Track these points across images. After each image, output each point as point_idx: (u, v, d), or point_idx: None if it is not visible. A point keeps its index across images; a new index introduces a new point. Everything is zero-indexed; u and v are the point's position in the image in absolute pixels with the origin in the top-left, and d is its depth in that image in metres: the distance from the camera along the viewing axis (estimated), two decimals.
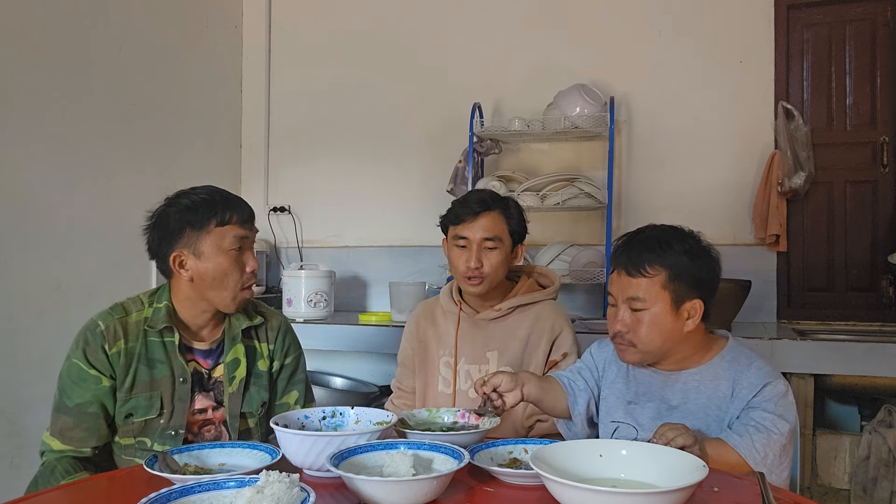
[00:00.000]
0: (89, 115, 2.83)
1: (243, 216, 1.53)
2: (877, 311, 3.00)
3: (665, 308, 1.41)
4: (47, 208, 2.64)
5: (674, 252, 1.41)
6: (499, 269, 1.80)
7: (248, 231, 1.54)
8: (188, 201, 1.50)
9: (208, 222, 1.49)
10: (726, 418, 1.41)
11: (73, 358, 1.49)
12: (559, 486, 0.98)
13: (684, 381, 1.47)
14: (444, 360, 1.89)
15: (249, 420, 1.60)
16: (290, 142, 3.78)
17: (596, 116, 3.01)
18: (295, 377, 1.70)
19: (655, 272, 1.40)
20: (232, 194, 1.56)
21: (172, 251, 1.50)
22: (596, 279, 2.96)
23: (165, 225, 1.50)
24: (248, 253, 1.54)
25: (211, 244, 1.49)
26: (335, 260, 3.59)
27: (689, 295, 1.41)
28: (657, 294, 1.40)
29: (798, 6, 3.12)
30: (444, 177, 3.33)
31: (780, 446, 1.35)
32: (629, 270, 1.42)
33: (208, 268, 1.49)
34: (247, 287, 1.54)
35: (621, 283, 1.44)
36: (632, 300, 1.42)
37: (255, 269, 1.55)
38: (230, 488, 1.03)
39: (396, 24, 3.62)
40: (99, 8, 2.87)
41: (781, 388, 1.40)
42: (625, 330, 1.43)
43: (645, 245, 1.43)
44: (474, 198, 1.82)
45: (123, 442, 1.51)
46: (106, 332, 1.48)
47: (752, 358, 1.45)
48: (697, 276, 1.42)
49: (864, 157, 3.05)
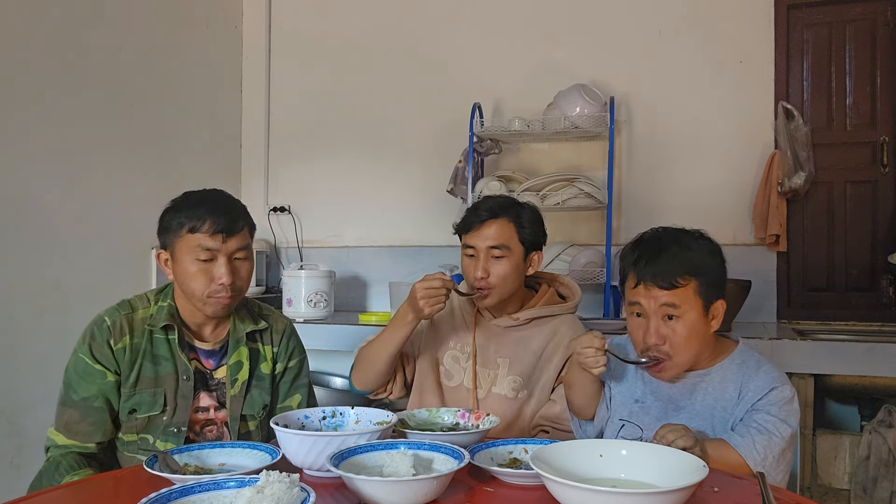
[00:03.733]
0: (89, 115, 2.83)
1: (216, 227, 1.47)
2: (877, 311, 3.00)
3: (699, 313, 1.39)
4: (47, 208, 2.64)
5: (698, 258, 1.40)
6: (507, 279, 1.73)
7: (218, 243, 1.48)
8: (178, 203, 1.53)
9: (182, 227, 1.49)
10: (731, 420, 1.41)
11: (80, 353, 1.51)
12: (559, 486, 0.98)
13: (693, 381, 1.46)
14: (452, 354, 1.86)
15: (250, 423, 1.61)
16: (290, 142, 3.78)
17: (596, 116, 3.01)
18: (298, 381, 1.70)
19: (687, 281, 1.38)
20: (221, 205, 1.52)
21: (158, 248, 1.56)
22: (596, 279, 2.96)
23: (160, 222, 1.55)
24: (223, 265, 1.49)
25: (181, 249, 1.51)
26: (335, 260, 3.59)
27: (715, 296, 1.41)
28: (692, 301, 1.38)
29: (798, 6, 3.12)
30: (444, 177, 3.33)
31: (780, 450, 1.35)
32: (659, 283, 1.37)
33: (179, 271, 1.52)
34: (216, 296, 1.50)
35: (651, 294, 1.38)
36: (667, 306, 1.38)
37: (229, 282, 1.49)
38: (230, 488, 1.03)
39: (396, 24, 3.62)
40: (99, 8, 2.87)
41: (788, 393, 1.40)
42: (660, 342, 1.38)
43: (669, 254, 1.39)
44: (484, 205, 1.77)
45: (127, 438, 1.53)
46: (112, 328, 1.51)
47: (761, 362, 1.45)
48: (720, 276, 1.43)
49: (864, 157, 3.05)
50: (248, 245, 1.56)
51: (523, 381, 1.78)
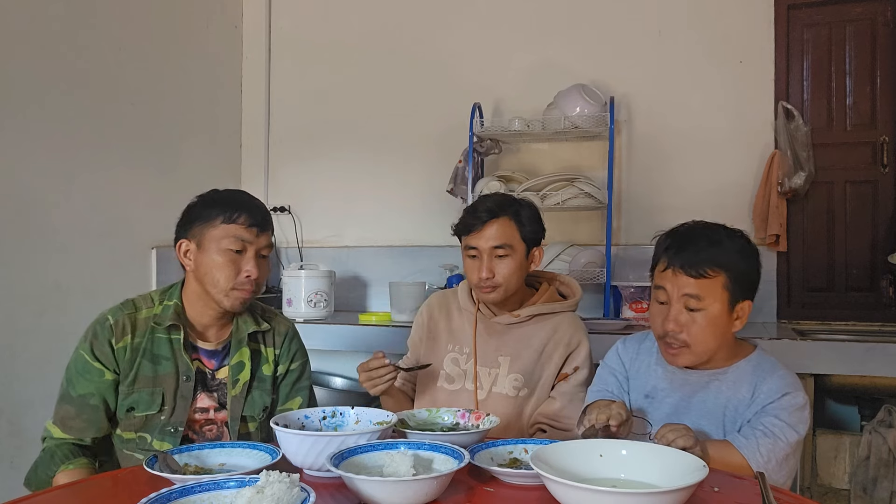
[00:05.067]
0: (89, 115, 2.83)
1: (252, 221, 1.54)
2: (877, 311, 3.00)
3: (723, 309, 1.39)
4: (47, 208, 2.64)
5: (731, 253, 1.40)
6: (512, 277, 1.75)
7: (252, 236, 1.54)
8: (209, 196, 1.59)
9: (216, 217, 1.53)
10: (740, 421, 1.41)
11: (81, 350, 1.53)
12: (559, 486, 0.98)
13: (707, 380, 1.46)
14: (452, 357, 1.86)
15: (250, 424, 1.61)
16: (290, 142, 3.78)
17: (596, 116, 3.00)
18: (299, 383, 1.71)
19: (715, 273, 1.38)
20: (255, 201, 1.59)
21: (181, 239, 1.57)
22: (596, 279, 2.96)
23: (186, 214, 1.59)
24: (251, 259, 1.54)
25: (212, 239, 1.53)
26: (335, 260, 3.59)
27: (742, 296, 1.41)
28: (718, 295, 1.38)
29: (798, 6, 3.12)
30: (444, 177, 3.33)
31: (784, 455, 1.35)
32: (687, 270, 1.38)
33: (204, 261, 1.53)
34: (240, 289, 1.54)
35: (678, 281, 1.39)
36: (689, 298, 1.38)
37: (255, 277, 1.54)
38: (230, 488, 1.03)
39: (397, 24, 3.61)
40: (99, 8, 2.87)
41: (800, 400, 1.39)
42: (678, 330, 1.40)
43: (702, 244, 1.40)
44: (483, 206, 1.77)
45: (125, 436, 1.54)
46: (114, 327, 1.53)
47: (776, 366, 1.45)
48: (751, 278, 1.42)
49: (864, 157, 3.05)
50: (273, 245, 1.63)
51: (524, 378, 1.79)
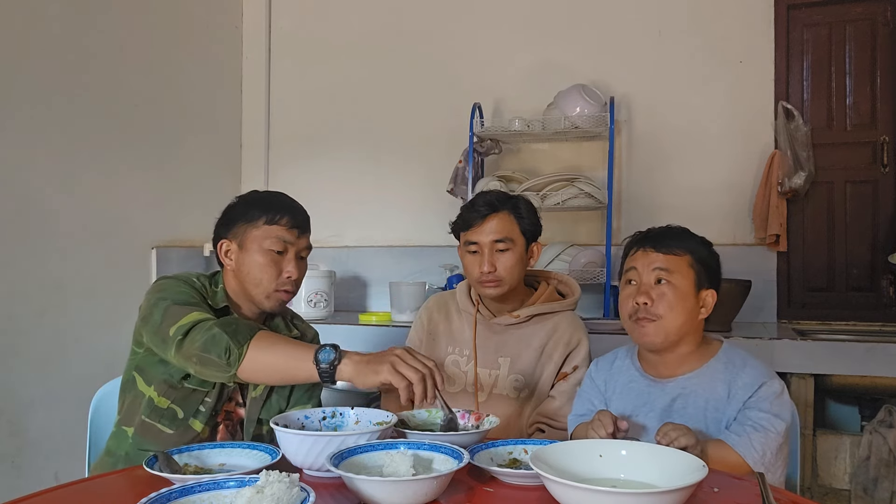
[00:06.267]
0: (89, 115, 2.83)
1: (294, 222, 1.56)
2: (877, 311, 3.00)
3: (689, 285, 1.46)
4: (47, 208, 2.64)
5: (694, 240, 1.52)
6: (513, 270, 1.77)
7: (293, 237, 1.56)
8: (250, 197, 1.60)
9: (258, 218, 1.55)
10: (724, 419, 1.42)
11: (179, 279, 1.52)
12: (559, 486, 0.98)
13: (682, 385, 1.48)
14: (452, 359, 1.86)
15: (264, 427, 1.60)
16: (290, 142, 3.78)
17: (596, 116, 3.00)
18: (315, 390, 1.70)
19: (682, 253, 1.47)
20: (296, 204, 1.61)
21: (222, 239, 1.58)
22: (596, 279, 2.96)
23: (226, 214, 1.60)
24: (292, 260, 1.55)
25: (254, 239, 1.54)
26: (335, 260, 3.59)
27: (706, 283, 1.48)
28: (685, 272, 1.47)
29: (798, 6, 3.12)
30: (444, 177, 3.32)
31: (777, 445, 1.37)
32: (657, 247, 1.47)
33: (246, 261, 1.54)
34: (282, 290, 1.55)
35: (648, 258, 1.48)
36: (660, 270, 1.46)
37: (295, 278, 1.55)
38: (230, 488, 1.03)
39: (397, 24, 3.62)
40: (99, 8, 2.87)
41: (777, 387, 1.42)
42: (649, 302, 1.45)
43: (669, 234, 1.52)
44: (481, 200, 1.79)
45: (158, 402, 1.48)
46: (200, 288, 1.53)
47: (746, 358, 1.47)
48: (712, 266, 1.51)
49: (864, 157, 3.05)
50: (311, 247, 1.64)
51: (525, 379, 1.79)
